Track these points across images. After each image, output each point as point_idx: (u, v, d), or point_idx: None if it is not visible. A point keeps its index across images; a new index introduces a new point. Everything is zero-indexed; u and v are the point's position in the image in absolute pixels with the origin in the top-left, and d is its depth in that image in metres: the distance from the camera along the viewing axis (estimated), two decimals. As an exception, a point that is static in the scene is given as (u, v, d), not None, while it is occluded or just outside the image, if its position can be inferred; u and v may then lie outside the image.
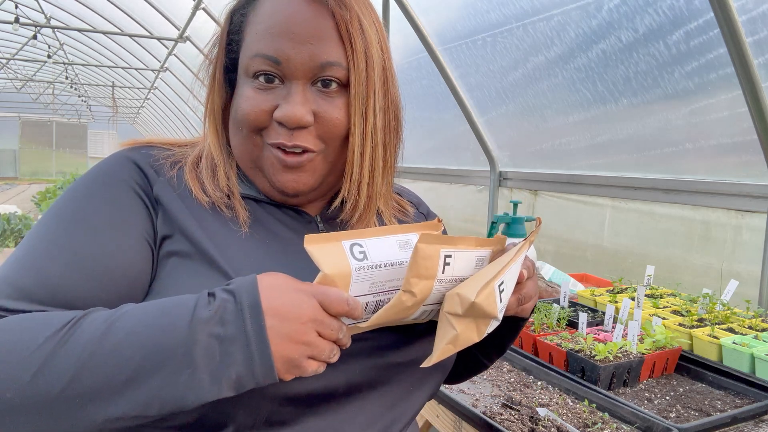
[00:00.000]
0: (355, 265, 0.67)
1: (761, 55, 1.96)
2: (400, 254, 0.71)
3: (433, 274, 0.71)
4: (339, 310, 0.64)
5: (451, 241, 0.73)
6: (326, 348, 0.64)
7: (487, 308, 0.71)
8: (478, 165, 3.80)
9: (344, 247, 0.68)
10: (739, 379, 1.42)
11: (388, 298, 0.70)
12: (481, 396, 1.38)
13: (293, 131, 0.75)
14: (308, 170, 0.78)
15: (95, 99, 20.92)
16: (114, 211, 0.73)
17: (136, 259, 0.72)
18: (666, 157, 2.57)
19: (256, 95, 0.76)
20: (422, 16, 3.53)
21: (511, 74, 3.22)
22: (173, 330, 0.60)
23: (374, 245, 0.70)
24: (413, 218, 0.97)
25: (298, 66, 0.75)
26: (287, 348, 0.61)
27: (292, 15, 0.75)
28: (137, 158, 0.78)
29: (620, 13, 2.44)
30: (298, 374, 0.63)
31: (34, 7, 8.75)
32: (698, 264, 2.44)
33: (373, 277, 0.68)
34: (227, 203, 0.79)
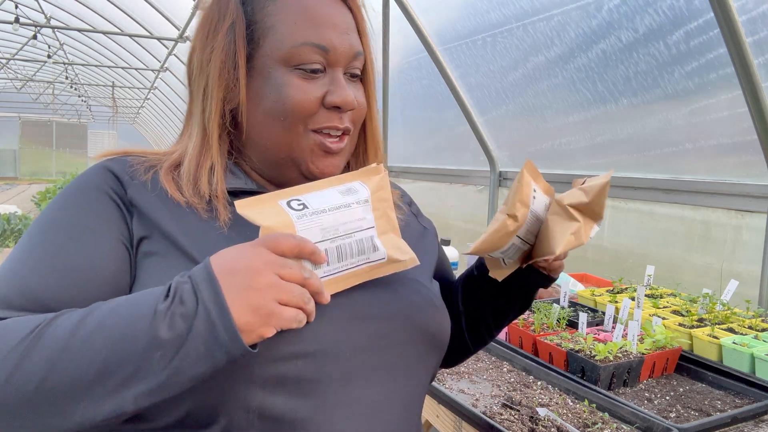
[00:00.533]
0: (295, 215, 0.67)
1: (761, 55, 1.96)
2: (344, 199, 0.71)
3: (529, 202, 0.76)
4: (288, 245, 0.62)
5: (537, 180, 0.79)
6: (294, 289, 0.61)
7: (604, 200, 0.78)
8: (478, 165, 3.80)
9: (281, 204, 0.68)
10: (739, 379, 1.42)
11: (350, 242, 0.69)
12: (481, 396, 1.38)
13: (343, 115, 0.81)
14: (343, 154, 0.84)
15: (95, 99, 20.92)
16: (88, 217, 0.74)
17: (111, 261, 0.73)
18: (666, 157, 2.57)
19: (304, 84, 0.79)
20: (422, 16, 3.53)
21: (511, 74, 3.22)
22: (139, 317, 0.60)
23: (313, 196, 0.70)
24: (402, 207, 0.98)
25: (341, 54, 0.80)
26: (249, 297, 0.60)
27: (326, 9, 0.80)
28: (112, 166, 0.79)
29: (620, 13, 2.44)
30: (277, 323, 0.61)
31: (34, 7, 8.75)
32: (698, 264, 2.44)
33: (321, 222, 0.68)
34: (206, 208, 0.78)
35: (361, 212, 0.71)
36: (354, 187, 0.73)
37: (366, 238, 0.71)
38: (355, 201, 0.71)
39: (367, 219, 0.72)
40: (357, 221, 0.70)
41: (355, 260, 0.71)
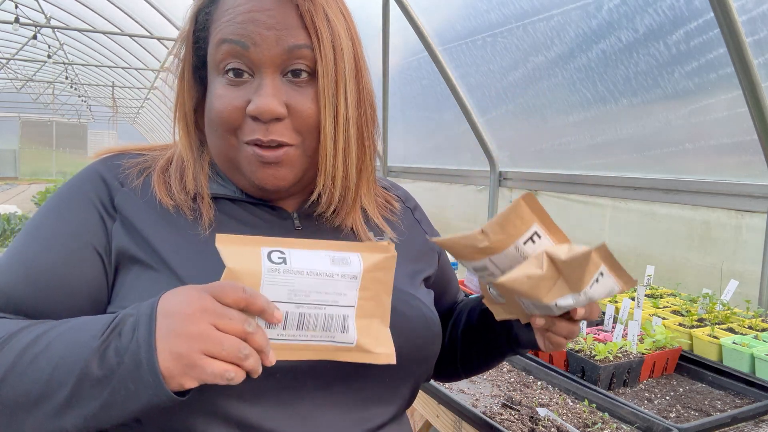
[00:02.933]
0: (267, 267, 0.62)
1: (761, 55, 1.96)
2: (330, 267, 0.65)
3: (516, 236, 0.68)
4: (234, 296, 0.59)
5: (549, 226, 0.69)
6: (227, 341, 0.57)
7: (585, 275, 0.68)
8: (478, 165, 3.80)
9: (262, 251, 0.64)
10: (739, 379, 1.42)
11: (317, 313, 0.64)
12: (481, 396, 1.38)
13: (268, 125, 0.74)
14: (287, 165, 0.76)
15: (95, 99, 20.92)
16: (67, 226, 0.75)
17: (82, 271, 0.73)
18: (666, 157, 2.57)
19: (227, 92, 0.75)
20: (422, 16, 3.53)
21: (511, 74, 3.22)
22: (79, 345, 0.60)
23: (300, 255, 0.65)
24: (400, 214, 0.94)
25: (265, 51, 0.73)
26: (175, 344, 0.57)
27: (255, 5, 0.74)
28: (104, 171, 0.79)
29: (620, 13, 2.44)
30: (199, 376, 0.58)
31: (34, 7, 8.75)
32: (699, 264, 2.44)
33: (293, 283, 0.63)
34: (191, 206, 0.78)
35: (342, 287, 0.65)
36: (349, 259, 0.67)
37: (338, 316, 0.65)
38: (341, 273, 0.65)
39: (347, 296, 0.66)
40: (334, 294, 0.65)
41: (318, 334, 0.66)
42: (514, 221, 0.68)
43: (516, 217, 0.67)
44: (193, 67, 0.81)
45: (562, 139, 3.12)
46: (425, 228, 0.97)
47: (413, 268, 0.87)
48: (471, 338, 0.94)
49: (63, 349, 0.61)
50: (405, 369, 0.78)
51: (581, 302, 0.72)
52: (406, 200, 0.99)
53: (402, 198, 0.99)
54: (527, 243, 0.69)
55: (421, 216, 1.00)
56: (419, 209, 1.00)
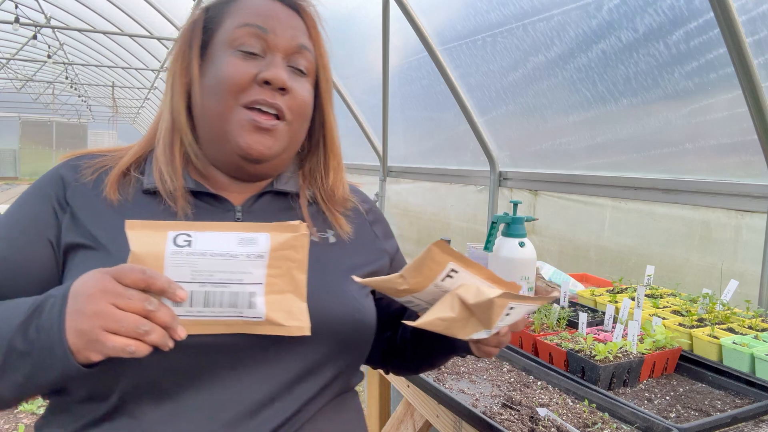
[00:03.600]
0: (171, 249, 0.67)
1: (761, 55, 1.96)
2: (236, 248, 0.69)
3: (432, 277, 0.74)
4: (133, 277, 0.64)
5: (466, 262, 0.75)
6: (125, 319, 0.63)
7: (494, 315, 0.74)
8: (478, 165, 3.80)
9: (168, 235, 0.67)
10: (739, 379, 1.42)
11: (221, 291, 0.68)
12: (481, 396, 1.38)
13: (275, 93, 0.86)
14: (276, 136, 0.87)
15: (95, 99, 20.92)
16: (26, 219, 0.86)
17: (35, 256, 0.83)
18: (666, 157, 2.57)
19: (239, 61, 0.86)
20: (422, 16, 3.53)
21: (511, 74, 3.22)
22: (10, 320, 0.70)
23: (206, 237, 0.68)
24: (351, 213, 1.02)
25: (281, 39, 0.87)
26: (78, 321, 0.65)
27: (273, 8, 0.89)
28: (63, 170, 0.90)
29: (620, 13, 2.44)
30: (101, 350, 0.64)
31: (34, 7, 8.76)
32: (699, 264, 2.44)
33: (196, 264, 0.67)
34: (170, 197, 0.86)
35: (248, 266, 0.69)
36: (256, 239, 0.70)
37: (243, 293, 0.69)
38: (246, 253, 0.69)
39: (252, 274, 0.69)
40: (238, 273, 0.68)
41: (226, 311, 0.69)
42: (429, 265, 0.74)
43: (430, 262, 0.73)
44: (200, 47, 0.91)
45: (562, 139, 3.12)
46: (377, 230, 1.05)
47: (352, 263, 0.94)
48: (417, 340, 1.02)
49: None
50: (325, 352, 0.85)
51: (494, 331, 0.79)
52: (362, 203, 1.07)
53: (359, 200, 1.07)
54: (445, 279, 0.75)
55: (376, 219, 1.08)
56: (374, 213, 1.09)
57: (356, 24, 4.50)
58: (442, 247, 0.72)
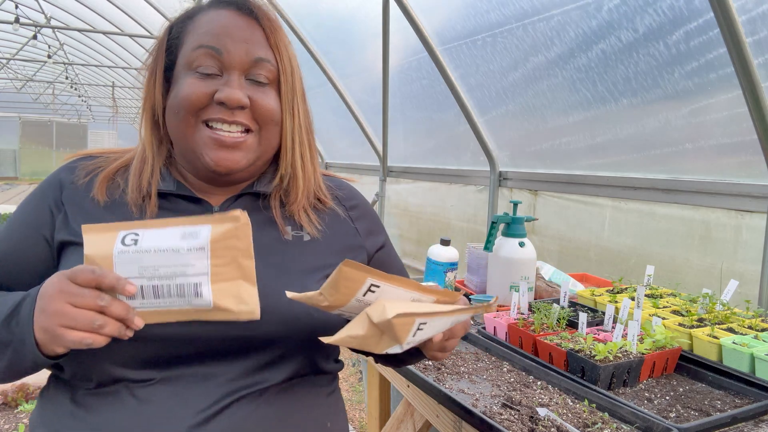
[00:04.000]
0: (119, 249, 0.72)
1: (761, 55, 1.96)
2: (179, 242, 0.73)
3: (351, 294, 0.77)
4: (84, 278, 0.71)
5: (384, 277, 0.77)
6: (79, 316, 0.71)
7: (398, 333, 0.77)
8: (478, 165, 3.80)
9: (118, 235, 0.73)
10: (738, 379, 1.42)
11: (168, 284, 0.73)
12: (481, 396, 1.38)
13: (233, 111, 0.89)
14: (243, 149, 0.91)
15: (95, 99, 20.92)
16: (24, 218, 0.95)
17: (32, 252, 0.92)
18: (666, 157, 2.57)
19: (197, 81, 0.90)
20: (422, 16, 3.53)
21: (511, 74, 3.22)
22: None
23: (152, 234, 0.74)
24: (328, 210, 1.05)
25: (235, 57, 0.90)
26: (41, 319, 0.73)
27: (229, 22, 0.92)
28: (62, 173, 0.97)
29: (620, 13, 2.44)
30: (62, 343, 0.72)
31: (34, 7, 8.76)
32: (698, 264, 2.44)
33: (141, 260, 0.72)
34: (139, 204, 0.93)
35: (189, 258, 0.73)
36: (197, 232, 0.74)
37: (188, 284, 0.73)
38: (187, 246, 0.73)
39: (195, 266, 0.73)
40: (181, 266, 0.73)
41: (175, 300, 0.74)
42: (344, 283, 0.76)
43: (344, 280, 0.76)
44: (164, 68, 0.97)
45: (562, 139, 3.12)
46: (359, 227, 1.08)
47: (322, 261, 0.98)
48: None
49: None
50: (286, 349, 0.90)
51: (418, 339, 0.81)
52: (345, 199, 1.10)
53: (342, 197, 1.09)
54: (367, 294, 0.78)
55: (360, 215, 1.09)
56: (360, 209, 1.10)
57: (356, 24, 4.50)
58: (352, 265, 0.75)
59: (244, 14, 0.93)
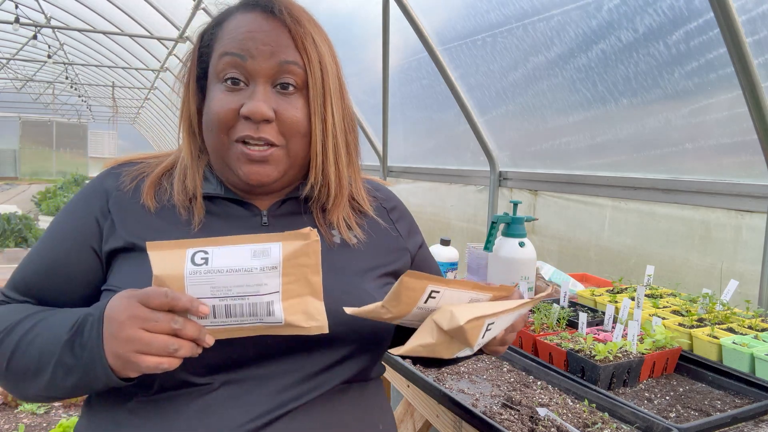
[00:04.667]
0: (189, 269, 0.71)
1: (761, 55, 1.96)
2: (251, 261, 0.72)
3: (413, 303, 0.77)
4: (158, 302, 0.70)
5: (446, 282, 0.78)
6: (154, 341, 0.70)
7: (470, 337, 0.77)
8: (478, 165, 3.80)
9: (187, 253, 0.72)
10: (738, 379, 1.42)
11: (241, 303, 0.72)
12: (481, 396, 1.38)
13: (258, 125, 0.87)
14: (272, 163, 0.89)
15: (95, 99, 20.91)
16: (72, 226, 0.93)
17: (79, 262, 0.90)
18: (666, 157, 2.57)
19: (224, 96, 0.88)
20: (422, 16, 3.53)
21: (511, 74, 3.22)
22: (57, 336, 0.78)
23: (222, 253, 0.72)
24: (372, 213, 1.04)
25: (260, 63, 0.87)
26: (113, 345, 0.72)
27: (254, 26, 0.89)
28: (105, 179, 0.96)
29: (620, 13, 2.44)
30: (137, 370, 0.72)
31: (34, 7, 8.76)
32: (698, 264, 2.44)
33: (213, 281, 0.71)
34: (187, 206, 0.92)
35: (262, 278, 0.73)
36: (268, 251, 0.74)
37: (261, 303, 0.73)
38: (260, 266, 0.72)
39: (268, 285, 0.73)
40: (254, 286, 0.72)
41: (247, 319, 0.74)
42: (405, 293, 0.77)
43: (406, 290, 0.77)
44: (196, 77, 0.96)
45: (562, 139, 3.12)
46: (401, 228, 1.07)
47: (372, 263, 0.98)
48: None
49: (45, 339, 0.79)
50: (346, 350, 0.90)
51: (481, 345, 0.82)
52: (385, 201, 1.09)
53: (381, 199, 1.09)
54: (428, 301, 0.78)
55: (399, 217, 1.09)
56: (399, 211, 1.10)
57: (356, 24, 4.50)
58: (414, 275, 0.75)
59: (269, 16, 0.90)
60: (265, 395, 0.84)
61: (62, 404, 3.19)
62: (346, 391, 0.93)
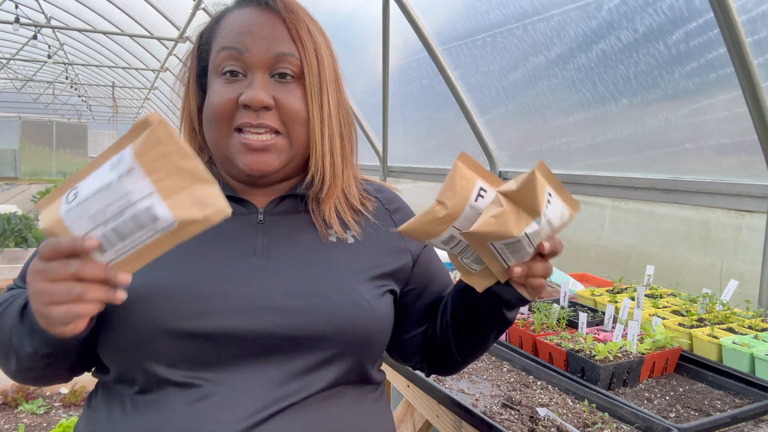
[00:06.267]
0: (64, 210, 0.68)
1: (761, 55, 1.96)
2: (109, 176, 0.67)
3: (467, 195, 0.75)
4: (45, 253, 0.69)
5: (489, 179, 0.76)
6: (56, 289, 0.69)
7: (538, 195, 0.74)
8: (478, 165, 3.80)
9: (62, 198, 0.69)
10: (738, 379, 1.42)
11: (123, 219, 0.67)
12: (481, 396, 1.38)
13: (258, 112, 0.88)
14: (272, 151, 0.90)
15: (95, 99, 20.92)
16: None
17: None
18: (666, 157, 2.57)
19: (223, 88, 0.90)
20: (422, 16, 3.53)
21: (511, 74, 3.22)
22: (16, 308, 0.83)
23: (87, 183, 0.68)
24: (372, 213, 1.03)
25: (256, 56, 0.89)
26: (31, 304, 0.73)
27: (249, 20, 0.91)
28: None
29: (620, 13, 2.44)
30: (54, 322, 0.71)
31: (34, 7, 8.76)
32: (698, 264, 2.44)
33: (87, 210, 0.67)
34: None
35: (126, 185, 0.66)
36: (122, 157, 0.67)
37: (140, 212, 0.67)
38: (118, 175, 0.66)
39: (135, 191, 0.66)
40: (123, 198, 0.66)
41: (142, 234, 0.68)
42: (460, 182, 0.75)
43: (461, 178, 0.75)
44: (196, 75, 0.97)
45: (562, 139, 3.12)
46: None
47: (368, 263, 0.96)
48: (459, 320, 0.99)
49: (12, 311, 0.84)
50: (336, 349, 0.87)
51: (545, 228, 0.79)
52: (388, 202, 1.08)
53: (384, 200, 1.07)
54: (478, 199, 0.76)
55: (403, 218, 1.07)
56: (402, 212, 1.08)
57: (356, 24, 4.50)
58: (465, 160, 0.73)
59: (265, 9, 0.92)
60: (253, 395, 0.83)
61: (62, 404, 3.19)
62: (340, 395, 0.91)
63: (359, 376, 0.94)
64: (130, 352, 0.79)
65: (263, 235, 0.93)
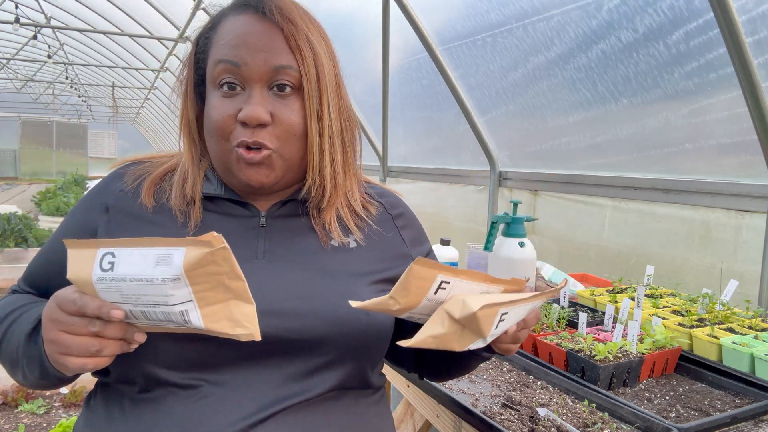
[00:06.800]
0: (97, 275, 0.68)
1: (761, 55, 1.96)
2: (153, 270, 0.67)
3: (422, 294, 0.74)
4: (69, 309, 0.71)
5: (456, 272, 0.74)
6: (74, 344, 0.71)
7: (483, 326, 0.74)
8: (478, 165, 3.80)
9: (97, 254, 0.69)
10: (738, 378, 1.42)
11: (154, 310, 0.69)
12: (481, 396, 1.38)
13: (254, 130, 0.87)
14: (268, 166, 0.89)
15: (95, 99, 20.91)
16: (72, 223, 0.98)
17: None
18: (666, 157, 2.57)
19: (221, 103, 0.89)
20: (422, 16, 3.53)
21: (511, 74, 3.22)
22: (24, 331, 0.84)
23: (127, 257, 0.68)
24: (375, 218, 1.02)
25: (254, 69, 0.87)
26: (46, 346, 0.75)
27: (247, 30, 0.89)
28: (110, 179, 1.00)
29: (620, 13, 2.44)
30: (66, 370, 0.75)
31: (34, 7, 8.76)
32: (698, 264, 2.44)
33: (121, 289, 0.68)
34: (184, 210, 0.93)
35: (166, 289, 0.67)
36: (170, 257, 0.67)
37: (174, 312, 0.69)
38: (161, 277, 0.67)
39: (175, 295, 0.68)
40: (161, 296, 0.68)
41: (168, 323, 0.71)
42: (414, 283, 0.73)
43: (414, 279, 0.73)
44: (194, 84, 0.96)
45: (561, 139, 3.12)
46: (405, 236, 1.05)
47: (368, 268, 0.96)
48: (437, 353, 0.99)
49: (20, 330, 0.85)
50: (336, 354, 0.88)
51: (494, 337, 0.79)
52: (391, 207, 1.07)
53: (387, 204, 1.07)
54: (438, 292, 0.75)
55: (405, 225, 1.07)
56: (405, 218, 1.08)
57: (356, 24, 4.50)
58: (423, 263, 0.72)
59: (261, 17, 0.89)
60: (251, 397, 0.83)
61: (62, 404, 3.19)
62: (339, 398, 0.91)
63: (359, 380, 0.94)
64: (130, 354, 0.79)
65: (265, 239, 0.93)
